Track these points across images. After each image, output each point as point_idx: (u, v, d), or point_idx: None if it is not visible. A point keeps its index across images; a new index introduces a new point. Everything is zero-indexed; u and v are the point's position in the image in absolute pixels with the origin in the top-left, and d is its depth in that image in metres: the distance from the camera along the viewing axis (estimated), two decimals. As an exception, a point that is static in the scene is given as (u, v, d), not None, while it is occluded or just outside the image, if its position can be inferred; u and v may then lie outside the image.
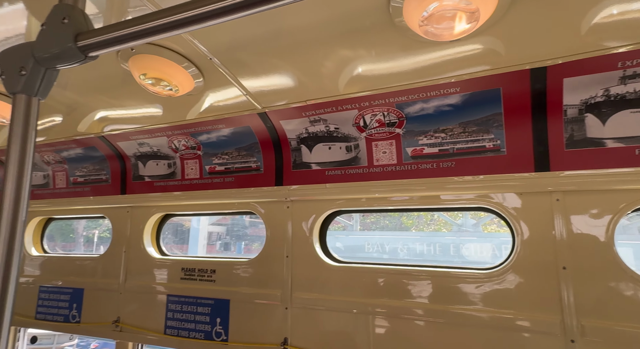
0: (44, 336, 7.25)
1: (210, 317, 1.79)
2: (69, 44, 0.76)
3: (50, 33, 0.76)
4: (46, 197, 2.38)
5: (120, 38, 0.73)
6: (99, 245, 11.94)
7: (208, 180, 1.91)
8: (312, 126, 1.59)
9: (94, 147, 2.08)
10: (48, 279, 2.28)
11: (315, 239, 1.66)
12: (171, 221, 2.22)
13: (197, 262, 1.92)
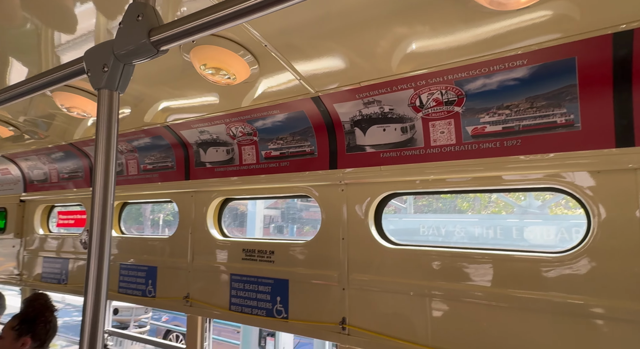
0: (124, 308, 8.10)
1: (271, 295, 1.88)
2: (144, 40, 0.81)
3: (126, 31, 0.82)
4: (121, 184, 2.61)
5: (188, 31, 0.77)
6: (164, 227, 12.96)
7: (264, 165, 1.97)
8: (365, 108, 1.57)
9: (160, 136, 2.23)
10: (126, 258, 2.52)
11: (371, 221, 1.67)
12: (230, 206, 2.34)
13: (256, 243, 2.01)
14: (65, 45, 1.50)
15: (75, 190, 2.87)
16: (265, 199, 2.26)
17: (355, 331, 1.60)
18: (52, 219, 3.24)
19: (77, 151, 2.65)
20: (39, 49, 1.56)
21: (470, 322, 1.42)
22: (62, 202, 3.05)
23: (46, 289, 2.89)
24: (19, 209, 3.18)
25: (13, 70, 1.75)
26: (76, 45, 1.45)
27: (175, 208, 2.38)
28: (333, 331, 1.64)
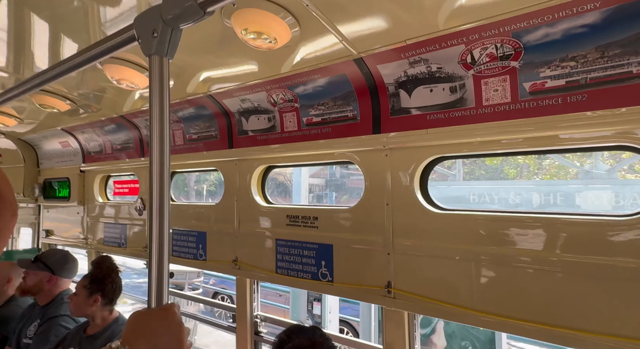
0: (179, 273, 8.74)
1: (316, 260, 1.93)
2: (190, 2, 0.80)
3: (173, -8, 0.81)
4: (171, 153, 2.72)
5: (234, -13, 0.75)
6: (207, 197, 13.60)
7: (306, 132, 1.96)
8: (411, 68, 1.49)
9: (203, 106, 2.28)
10: (177, 224, 2.67)
11: (416, 186, 1.63)
12: (273, 176, 2.38)
13: (300, 210, 2.04)
14: (112, 20, 1.53)
15: (127, 160, 3.04)
16: (307, 166, 2.27)
17: (401, 295, 1.61)
18: (110, 188, 3.48)
19: (127, 123, 2.78)
20: (87, 24, 1.60)
21: (520, 287, 1.38)
22: (117, 172, 3.25)
23: (109, 251, 3.16)
24: (80, 178, 3.44)
25: (65, 47, 1.82)
26: (123, 15, 1.47)
27: (218, 179, 2.46)
28: (378, 295, 1.67)
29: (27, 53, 1.93)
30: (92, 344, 2.59)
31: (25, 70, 2.14)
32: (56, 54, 1.93)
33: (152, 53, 0.89)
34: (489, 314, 1.44)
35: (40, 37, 1.73)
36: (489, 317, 1.43)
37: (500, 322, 1.41)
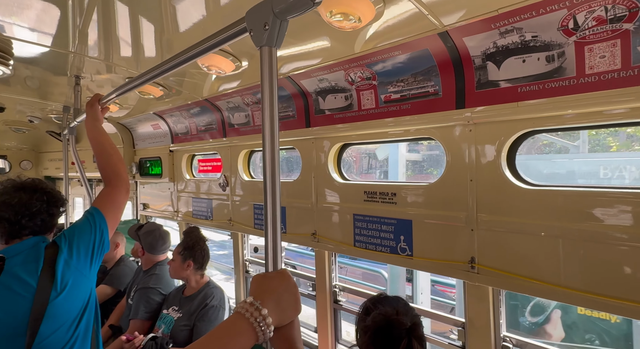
0: (262, 247, 9.24)
1: (394, 234, 1.98)
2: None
3: (286, -14, 0.87)
4: (248, 133, 2.91)
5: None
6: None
7: (384, 109, 1.98)
8: (502, 38, 1.42)
9: (281, 87, 2.38)
10: (258, 199, 2.87)
11: (504, 162, 1.59)
12: (364, 152, 2.44)
13: (377, 186, 2.09)
14: (219, 13, 1.64)
15: (211, 141, 3.30)
16: (384, 143, 2.29)
17: (485, 270, 1.62)
18: (195, 166, 3.81)
19: (210, 106, 3.00)
20: (201, 19, 1.74)
21: (611, 264, 1.31)
22: (201, 151, 3.54)
23: (196, 223, 3.51)
24: (169, 157, 3.81)
25: (175, 41, 2.01)
26: (228, 9, 1.58)
27: (284, 157, 2.58)
28: (461, 269, 1.69)
29: (147, 45, 2.16)
30: (189, 304, 2.94)
31: (142, 63, 2.39)
32: (170, 48, 2.13)
33: (263, 44, 0.97)
34: (578, 290, 1.40)
35: (151, 33, 1.93)
36: (576, 293, 1.39)
37: (587, 298, 1.36)
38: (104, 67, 2.66)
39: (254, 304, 0.89)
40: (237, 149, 3.06)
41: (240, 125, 2.95)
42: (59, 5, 1.78)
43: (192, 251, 2.99)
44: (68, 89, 3.35)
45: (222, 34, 1.10)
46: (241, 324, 0.86)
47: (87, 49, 2.36)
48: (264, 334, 0.88)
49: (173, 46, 2.10)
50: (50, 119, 4.39)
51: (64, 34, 2.10)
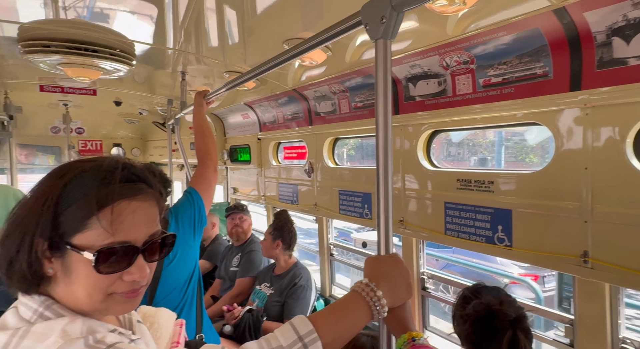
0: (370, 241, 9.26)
1: (491, 224, 1.92)
2: (422, -16, 0.87)
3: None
4: (334, 121, 2.99)
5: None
6: (347, 160, 14.33)
7: (482, 94, 1.89)
8: (635, 9, 1.27)
9: (370, 75, 2.40)
10: (343, 185, 2.96)
11: (629, 148, 1.43)
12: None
13: (472, 174, 2.03)
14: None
15: (297, 129, 3.45)
16: (481, 129, 2.20)
17: (601, 266, 1.50)
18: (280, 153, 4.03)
19: (298, 95, 3.13)
20: None
21: None
22: (287, 139, 3.73)
23: (283, 207, 3.72)
24: (257, 145, 4.07)
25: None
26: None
27: (357, 143, 2.59)
28: (571, 264, 1.58)
29: (250, 39, 2.34)
30: (279, 282, 3.17)
31: (249, 58, 2.58)
32: (265, 41, 2.28)
33: (378, 37, 1.00)
34: None
35: (252, 27, 2.07)
36: None
37: None
38: (207, 63, 2.91)
39: (370, 286, 0.95)
40: (322, 137, 3.17)
41: (326, 113, 3.04)
42: (166, 8, 1.97)
43: (281, 232, 3.20)
44: (171, 83, 3.73)
45: (335, 28, 1.15)
46: (359, 301, 0.94)
47: (192, 46, 2.61)
48: (379, 314, 0.94)
49: (268, 40, 2.23)
50: (156, 111, 4.94)
51: (175, 33, 2.34)
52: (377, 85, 1.03)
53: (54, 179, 0.79)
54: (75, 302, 0.77)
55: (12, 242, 0.75)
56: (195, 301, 2.01)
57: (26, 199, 0.79)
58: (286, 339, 0.81)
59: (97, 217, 0.74)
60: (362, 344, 1.52)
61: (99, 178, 0.77)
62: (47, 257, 0.75)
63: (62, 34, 2.37)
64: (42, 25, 2.25)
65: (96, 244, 0.74)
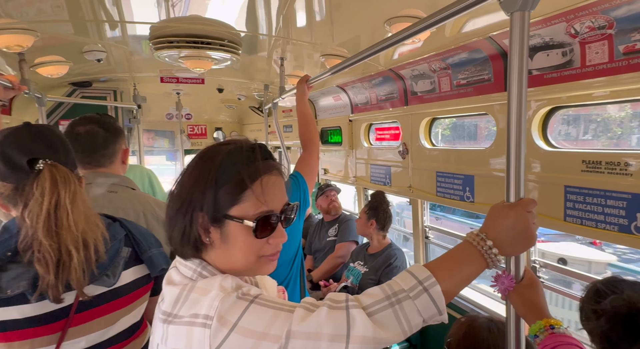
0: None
1: (627, 211, 1.69)
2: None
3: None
4: (433, 101, 2.87)
5: None
6: (441, 141, 13.63)
7: (622, 62, 1.65)
8: None
9: (478, 50, 2.24)
10: (440, 167, 2.86)
11: None
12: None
13: (602, 155, 1.80)
14: None
15: (391, 109, 3.40)
16: (612, 104, 1.93)
17: None
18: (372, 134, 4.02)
19: (393, 75, 3.06)
20: None
21: None
22: (380, 120, 3.70)
23: (375, 188, 3.74)
24: (349, 127, 4.11)
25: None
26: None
27: (451, 123, 2.42)
28: None
29: (344, 22, 2.36)
30: (373, 261, 3.23)
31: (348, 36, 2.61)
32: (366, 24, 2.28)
33: (515, 10, 0.94)
34: None
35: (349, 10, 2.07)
36: None
37: None
38: (303, 47, 3.00)
39: (480, 235, 0.92)
40: (418, 117, 3.08)
41: (424, 92, 2.93)
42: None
43: (376, 211, 3.25)
44: (267, 69, 3.93)
45: (457, 4, 1.10)
46: (471, 250, 0.91)
47: (290, 32, 2.71)
48: (492, 262, 0.92)
49: (367, 20, 2.20)
50: (253, 96, 5.27)
51: (273, 20, 2.43)
52: (511, 62, 0.97)
53: (206, 161, 0.92)
54: (231, 264, 0.92)
55: (181, 217, 0.90)
56: (299, 277, 2.17)
57: (184, 180, 0.94)
58: (406, 283, 0.84)
59: (251, 190, 0.87)
60: (480, 324, 1.49)
61: (244, 157, 0.90)
62: (206, 229, 0.90)
63: (183, 30, 2.64)
64: (168, 24, 2.54)
65: (250, 213, 0.88)
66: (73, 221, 1.08)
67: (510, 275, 0.99)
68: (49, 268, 1.04)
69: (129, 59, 3.58)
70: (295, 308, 0.82)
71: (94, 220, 1.15)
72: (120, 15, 2.32)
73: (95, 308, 1.17)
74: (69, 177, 1.12)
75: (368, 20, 2.26)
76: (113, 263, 1.19)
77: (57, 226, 1.06)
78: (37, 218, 1.06)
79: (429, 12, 1.21)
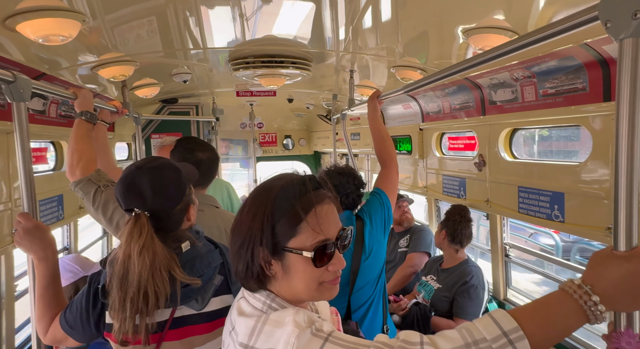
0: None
1: None
2: None
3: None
4: (514, 111, 2.67)
5: None
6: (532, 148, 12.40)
7: None
8: None
9: (570, 57, 2.03)
10: (523, 181, 2.64)
11: None
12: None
13: None
14: None
15: (466, 119, 3.23)
16: None
17: None
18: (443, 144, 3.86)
19: (469, 83, 2.91)
20: None
21: None
22: (454, 129, 3.54)
23: (448, 200, 3.58)
24: (419, 135, 4.00)
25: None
26: None
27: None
28: None
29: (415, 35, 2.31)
30: (447, 277, 3.09)
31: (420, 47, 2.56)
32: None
33: (626, 36, 0.84)
34: None
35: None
36: None
37: None
38: (373, 59, 2.99)
39: (583, 288, 0.80)
40: (498, 128, 2.88)
41: (504, 102, 2.74)
42: (330, 9, 2.04)
43: (448, 222, 3.11)
44: (336, 79, 3.98)
45: (553, 27, 1.01)
46: (569, 303, 0.79)
47: (359, 45, 2.71)
48: (596, 319, 0.80)
49: (442, 30, 2.11)
50: (321, 104, 5.37)
51: (342, 34, 2.44)
52: (619, 91, 0.87)
53: (262, 198, 0.96)
54: (295, 293, 0.95)
55: (244, 253, 0.95)
56: (382, 296, 2.15)
57: (242, 217, 0.98)
58: (489, 332, 0.76)
59: (306, 222, 0.90)
60: None
61: (296, 191, 0.93)
62: (267, 262, 0.94)
63: (258, 51, 2.79)
64: (244, 47, 2.70)
65: (307, 244, 0.90)
66: (137, 273, 1.17)
67: (636, 334, 0.86)
68: (114, 311, 1.19)
69: (209, 75, 3.88)
70: (368, 348, 0.81)
71: (163, 274, 1.20)
72: (203, 39, 2.47)
73: (185, 328, 1.28)
74: (145, 227, 1.21)
75: (442, 30, 2.18)
76: (204, 288, 1.29)
77: (124, 276, 1.18)
78: (114, 264, 1.20)
79: (513, 21, 1.13)
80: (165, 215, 1.30)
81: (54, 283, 1.42)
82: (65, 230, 3.21)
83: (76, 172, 1.75)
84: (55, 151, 3.04)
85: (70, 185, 1.78)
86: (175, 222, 1.35)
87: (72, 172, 1.77)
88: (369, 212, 2.12)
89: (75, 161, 1.77)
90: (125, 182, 1.30)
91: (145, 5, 1.84)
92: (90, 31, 1.95)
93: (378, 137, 2.35)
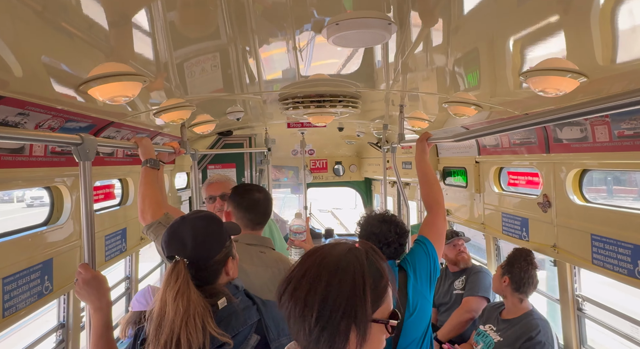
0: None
1: None
2: None
3: None
4: (583, 151, 2.42)
5: None
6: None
7: None
8: None
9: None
10: (598, 230, 2.35)
11: None
12: None
13: None
14: None
15: (526, 155, 2.99)
16: None
17: None
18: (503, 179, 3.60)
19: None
20: None
21: None
22: (514, 165, 3.29)
23: (508, 241, 3.30)
24: (475, 168, 3.77)
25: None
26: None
27: None
28: None
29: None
30: (508, 329, 2.82)
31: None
32: None
33: None
34: None
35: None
36: None
37: None
38: (425, 95, 2.90)
39: None
40: (565, 167, 2.62)
41: (571, 140, 2.49)
42: (382, 51, 1.98)
43: (512, 267, 2.85)
44: (385, 111, 3.91)
45: None
46: None
47: (410, 83, 2.63)
48: None
49: (498, 69, 1.98)
50: (371, 132, 5.32)
51: (392, 72, 2.37)
52: None
53: (344, 275, 0.91)
54: None
55: (327, 324, 0.89)
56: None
57: (318, 296, 0.91)
58: None
59: (387, 293, 0.95)
60: None
61: (370, 262, 0.94)
62: (347, 335, 0.90)
63: (307, 92, 2.83)
64: (293, 90, 2.75)
65: (386, 313, 0.95)
66: (171, 319, 1.18)
67: None
68: None
69: (262, 107, 4.01)
70: None
71: (197, 323, 1.20)
72: (259, 73, 2.48)
73: None
74: (181, 273, 1.23)
75: (495, 71, 2.04)
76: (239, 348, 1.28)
77: (159, 324, 1.20)
78: (152, 313, 1.23)
79: (575, 59, 1.00)
80: (203, 264, 1.33)
81: (107, 332, 1.50)
82: (127, 261, 3.44)
83: (147, 217, 1.89)
84: (122, 187, 3.31)
85: (142, 229, 1.91)
86: (213, 273, 1.36)
87: (144, 217, 1.92)
88: (412, 263, 1.98)
89: (147, 206, 1.91)
90: (169, 231, 1.37)
91: (205, 49, 1.86)
92: (151, 85, 2.10)
93: (424, 180, 2.24)
